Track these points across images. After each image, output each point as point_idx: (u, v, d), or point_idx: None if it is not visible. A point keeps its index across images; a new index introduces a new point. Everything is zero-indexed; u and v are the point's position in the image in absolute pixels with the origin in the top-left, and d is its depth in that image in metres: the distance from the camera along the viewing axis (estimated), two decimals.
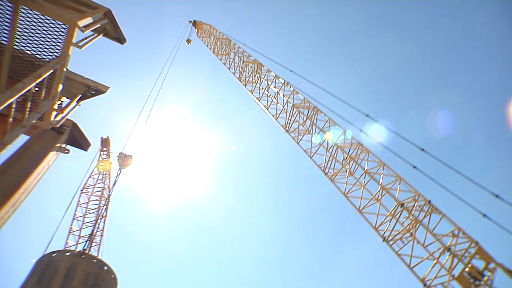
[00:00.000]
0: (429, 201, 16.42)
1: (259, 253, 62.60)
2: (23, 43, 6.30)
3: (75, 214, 25.67)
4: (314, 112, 20.58)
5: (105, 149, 26.47)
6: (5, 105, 4.00)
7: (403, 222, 16.94)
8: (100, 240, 23.33)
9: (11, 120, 4.70)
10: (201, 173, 63.15)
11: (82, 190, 26.30)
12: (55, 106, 6.57)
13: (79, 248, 21.84)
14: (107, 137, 27.19)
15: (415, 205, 16.62)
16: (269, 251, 63.63)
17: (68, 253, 14.79)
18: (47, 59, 6.45)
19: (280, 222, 64.57)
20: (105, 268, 14.12)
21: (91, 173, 27.00)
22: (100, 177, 26.74)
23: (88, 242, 18.14)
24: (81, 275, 13.49)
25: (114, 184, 14.96)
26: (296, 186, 65.69)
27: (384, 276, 57.44)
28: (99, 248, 23.20)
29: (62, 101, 7.51)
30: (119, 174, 15.34)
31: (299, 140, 20.48)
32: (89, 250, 18.51)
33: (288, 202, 65.20)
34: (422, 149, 19.84)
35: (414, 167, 19.07)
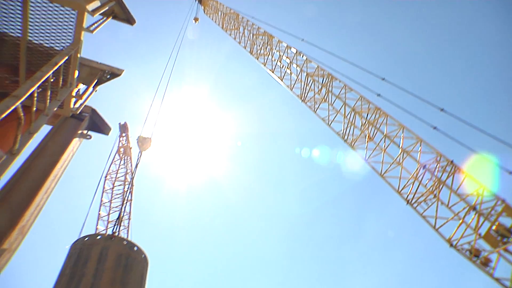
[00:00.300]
0: (452, 161, 16.19)
1: (282, 227, 63.43)
2: (36, 34, 6.36)
3: (101, 200, 26.47)
4: (329, 80, 20.25)
5: (123, 134, 26.90)
6: (27, 94, 4.08)
7: (426, 184, 16.80)
8: (128, 223, 24.10)
9: (34, 109, 4.80)
10: (220, 153, 63.49)
11: (106, 177, 26.97)
12: (73, 93, 6.67)
13: (109, 232, 22.63)
14: (125, 122, 27.59)
15: (437, 166, 16.42)
16: (292, 225, 64.38)
17: (98, 237, 15.33)
18: (61, 48, 6.50)
19: (302, 196, 64.88)
20: (135, 248, 14.62)
21: (113, 159, 27.58)
22: (122, 162, 27.31)
23: (116, 225, 18.68)
24: (113, 256, 14.00)
25: (136, 167, 15.29)
26: (318, 158, 65.46)
27: (409, 239, 57.62)
28: (128, 231, 24.00)
29: (79, 89, 7.61)
30: (140, 157, 15.64)
31: (315, 109, 20.28)
32: (118, 233, 19.11)
33: (310, 175, 65.26)
34: (442, 109, 19.42)
35: (434, 127, 18.73)
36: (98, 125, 7.65)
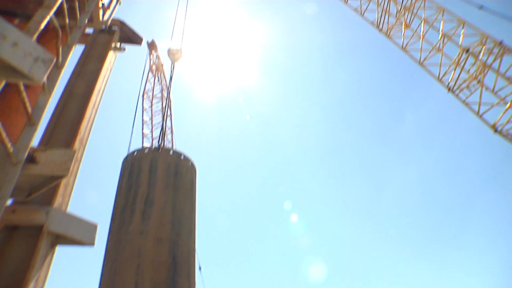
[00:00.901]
0: (500, 42, 15.05)
1: (313, 133, 63.85)
2: None
3: (142, 119, 27.56)
4: None
5: (153, 51, 26.75)
6: (57, 3, 4.09)
7: (469, 69, 16.01)
8: (172, 137, 25.35)
9: (67, 22, 4.85)
10: (249, 63, 62.02)
11: (143, 96, 27.65)
12: (100, 4, 6.60)
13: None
14: (152, 40, 27.17)
15: (482, 49, 15.39)
16: (324, 133, 64.50)
17: (146, 150, 16.22)
18: None
19: (332, 104, 63.67)
20: (182, 157, 15.42)
21: (147, 77, 27.91)
22: (156, 79, 27.66)
23: (161, 139, 19.66)
24: (163, 166, 14.76)
25: (171, 79, 15.42)
26: (346, 61, 62.79)
27: (451, 128, 56.67)
28: (172, 144, 25.35)
29: (103, 3, 7.50)
30: (173, 69, 15.71)
31: (346, 0, 18.93)
32: (164, 145, 20.12)
33: (340, 78, 63.31)
34: None
35: (480, 7, 17.11)
36: (129, 36, 7.68)
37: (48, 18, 3.78)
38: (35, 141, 4.22)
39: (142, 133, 27.67)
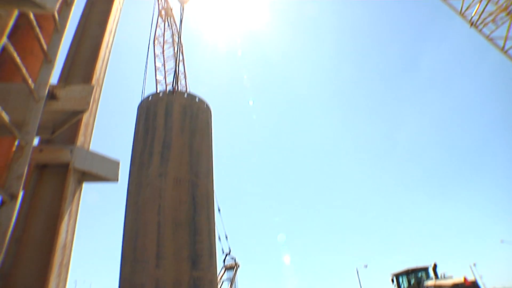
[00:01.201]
0: None
1: (325, 75, 62.23)
2: None
3: (155, 65, 27.33)
4: None
5: None
6: None
7: (497, 1, 15.01)
8: (185, 81, 25.25)
9: None
10: (260, 6, 59.34)
11: (154, 42, 27.19)
12: None
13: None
14: None
15: None
16: (336, 75, 62.73)
17: (161, 94, 16.22)
18: None
19: (345, 46, 61.11)
20: (197, 99, 15.43)
21: (156, 23, 27.25)
22: (166, 24, 26.99)
23: (175, 83, 19.56)
24: (178, 108, 14.84)
25: (181, 23, 14.99)
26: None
27: (471, 67, 54.71)
28: (186, 88, 25.31)
29: None
30: (183, 12, 15.21)
31: None
32: (178, 89, 20.06)
33: (353, 18, 60.16)
34: None
35: None
36: None
37: None
38: (53, 81, 4.27)
39: (156, 79, 27.59)
